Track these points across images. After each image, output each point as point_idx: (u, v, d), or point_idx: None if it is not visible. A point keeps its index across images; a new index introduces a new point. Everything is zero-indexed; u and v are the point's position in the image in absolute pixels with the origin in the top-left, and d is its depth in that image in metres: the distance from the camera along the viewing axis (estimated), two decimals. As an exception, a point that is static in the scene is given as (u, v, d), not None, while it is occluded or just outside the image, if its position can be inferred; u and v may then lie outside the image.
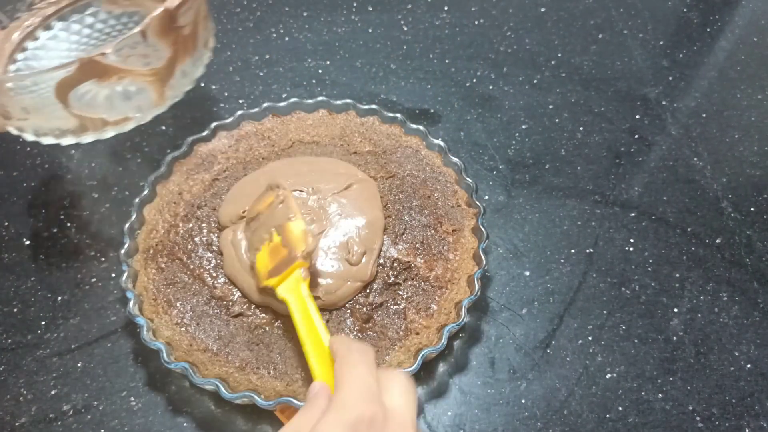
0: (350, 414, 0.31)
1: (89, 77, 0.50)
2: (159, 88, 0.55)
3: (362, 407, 0.31)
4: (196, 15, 0.56)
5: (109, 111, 0.54)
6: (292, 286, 0.43)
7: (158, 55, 0.53)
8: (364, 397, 0.32)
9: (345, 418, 0.31)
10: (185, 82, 0.58)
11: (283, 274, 0.44)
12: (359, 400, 0.32)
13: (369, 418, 0.31)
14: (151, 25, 0.50)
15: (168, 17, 0.51)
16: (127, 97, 0.54)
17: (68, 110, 0.52)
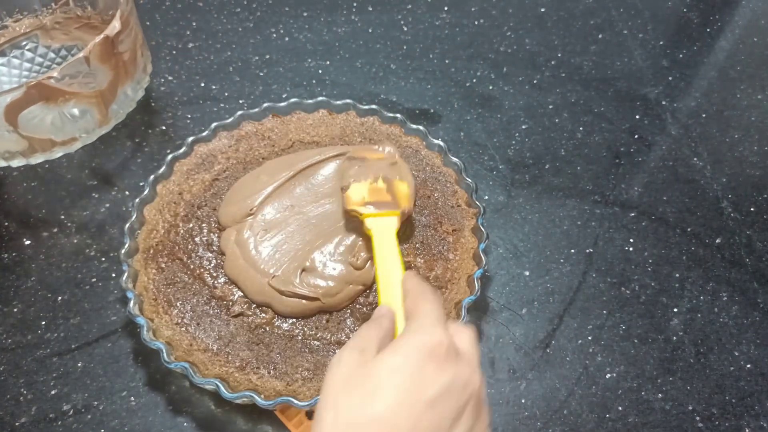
0: (429, 338, 0.33)
1: (37, 100, 0.54)
2: (103, 109, 0.60)
3: (440, 334, 0.33)
4: (134, 42, 0.62)
5: (57, 132, 0.58)
6: (383, 226, 0.47)
7: (101, 78, 0.58)
8: (440, 326, 0.34)
9: (424, 341, 0.32)
10: (127, 104, 0.64)
11: (380, 213, 0.48)
12: (436, 326, 0.33)
13: (446, 345, 0.33)
14: (93, 51, 0.55)
15: (109, 43, 0.56)
16: (74, 119, 0.58)
17: (17, 132, 0.56)
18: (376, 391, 0.31)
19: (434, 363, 0.32)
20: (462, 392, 0.32)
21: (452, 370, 0.32)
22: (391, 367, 0.32)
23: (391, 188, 0.50)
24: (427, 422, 0.31)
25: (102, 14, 0.69)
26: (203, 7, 0.84)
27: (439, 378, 0.32)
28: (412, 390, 0.31)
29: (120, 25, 0.57)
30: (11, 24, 0.69)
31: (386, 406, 0.30)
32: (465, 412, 0.32)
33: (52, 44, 0.70)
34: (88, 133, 0.61)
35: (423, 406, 0.31)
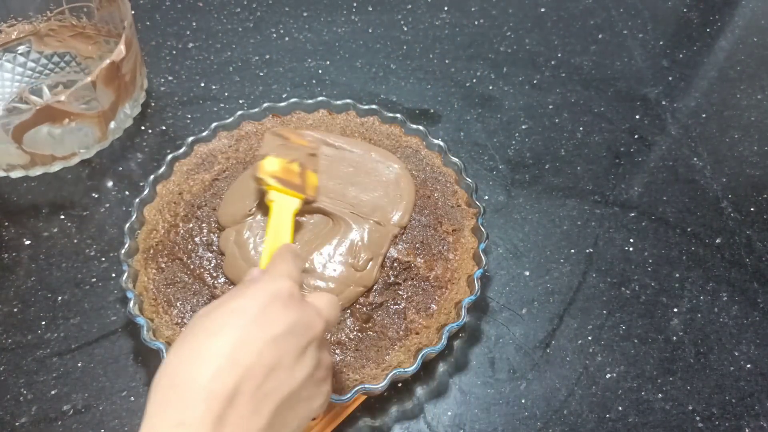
0: (274, 284, 0.36)
1: (44, 121, 0.56)
2: (103, 127, 0.63)
3: (284, 282, 0.36)
4: (135, 63, 0.64)
5: (58, 148, 0.61)
6: (284, 202, 0.49)
7: (104, 100, 0.61)
8: (286, 276, 0.37)
9: (269, 287, 0.35)
10: (125, 121, 0.66)
11: (284, 189, 0.50)
12: (282, 276, 0.37)
13: (288, 291, 0.35)
14: (99, 76, 0.58)
15: (114, 68, 0.59)
16: (75, 136, 0.61)
17: (21, 149, 0.58)
18: (221, 329, 0.33)
19: (277, 305, 0.34)
20: (305, 332, 0.35)
21: (295, 313, 0.35)
22: (235, 308, 0.34)
23: (303, 174, 0.52)
24: (269, 357, 0.33)
25: (97, 25, 0.70)
26: (203, 7, 0.84)
27: (281, 318, 0.34)
28: (254, 328, 0.33)
29: (125, 51, 0.59)
30: (5, 29, 0.70)
31: (228, 342, 0.32)
32: (307, 351, 0.35)
33: (45, 50, 0.71)
34: (87, 149, 0.64)
35: (265, 343, 0.33)
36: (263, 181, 0.50)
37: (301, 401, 0.35)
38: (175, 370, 0.32)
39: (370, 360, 0.48)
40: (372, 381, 0.47)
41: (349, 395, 0.45)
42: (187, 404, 0.31)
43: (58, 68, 0.72)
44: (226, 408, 0.31)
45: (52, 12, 0.70)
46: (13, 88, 0.70)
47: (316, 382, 0.36)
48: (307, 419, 0.36)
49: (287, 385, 0.33)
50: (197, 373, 0.31)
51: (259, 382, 0.32)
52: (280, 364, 0.33)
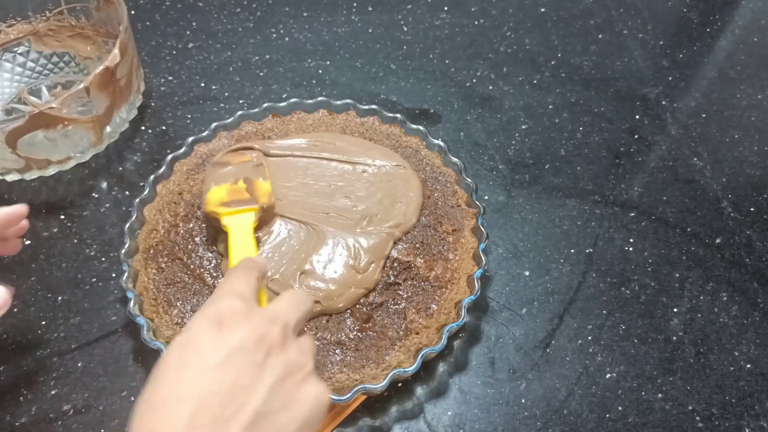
0: (212, 308, 0.35)
1: (38, 127, 0.56)
2: (98, 131, 0.63)
3: (223, 302, 0.35)
4: (130, 67, 0.63)
5: (53, 153, 0.61)
6: (239, 222, 0.50)
7: (98, 105, 0.60)
8: (226, 294, 0.36)
9: (207, 311, 0.35)
10: (121, 125, 0.66)
11: (236, 210, 0.50)
12: (221, 297, 0.36)
13: (230, 309, 0.35)
14: (93, 81, 0.57)
15: (108, 73, 0.58)
16: (70, 141, 0.61)
17: (16, 153, 0.58)
18: (166, 369, 0.33)
19: (218, 329, 0.34)
20: (256, 345, 0.33)
21: (240, 331, 0.34)
22: (178, 344, 0.34)
23: (251, 187, 0.53)
24: (219, 383, 0.32)
25: (96, 26, 0.70)
26: (203, 7, 0.84)
27: (224, 342, 0.33)
28: (194, 359, 0.32)
29: (120, 56, 0.59)
30: (4, 29, 0.70)
31: (172, 381, 0.32)
32: (266, 362, 0.33)
33: (44, 50, 0.71)
34: (83, 153, 0.64)
35: (209, 370, 0.32)
36: (214, 213, 0.51)
37: (276, 413, 0.33)
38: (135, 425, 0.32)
39: (370, 360, 0.48)
40: (372, 381, 0.47)
41: (349, 395, 0.45)
42: None
43: (57, 68, 0.72)
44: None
45: (51, 12, 0.70)
46: (12, 89, 0.70)
47: (292, 388, 0.34)
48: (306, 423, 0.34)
49: (251, 403, 0.32)
50: (151, 421, 0.31)
51: (215, 412, 0.31)
52: (235, 386, 0.32)
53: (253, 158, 0.56)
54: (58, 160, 0.62)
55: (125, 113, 0.66)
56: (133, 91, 0.66)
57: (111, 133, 0.65)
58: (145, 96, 0.71)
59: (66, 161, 0.63)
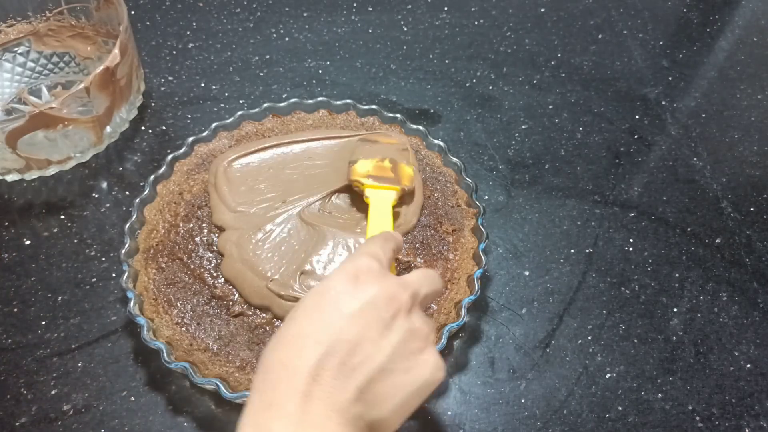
0: (352, 264, 0.37)
1: (38, 127, 0.56)
2: (98, 131, 0.63)
3: (362, 260, 0.37)
4: (131, 67, 0.63)
5: (53, 152, 0.61)
6: (380, 197, 0.52)
7: (98, 105, 0.60)
8: (365, 254, 0.38)
9: (347, 267, 0.37)
10: (121, 125, 0.66)
11: (380, 185, 0.53)
12: (360, 255, 0.38)
13: (366, 267, 0.37)
14: (93, 81, 0.57)
15: (108, 73, 0.58)
16: (70, 141, 0.61)
17: (16, 153, 0.58)
18: (303, 312, 0.35)
19: (354, 282, 0.36)
20: (387, 305, 0.35)
21: (374, 287, 0.36)
22: (317, 291, 0.36)
23: (396, 168, 0.55)
24: (350, 333, 0.34)
25: (96, 26, 0.70)
26: (203, 7, 0.84)
27: (358, 294, 0.35)
28: (331, 307, 0.35)
29: (120, 56, 0.59)
30: (4, 29, 0.70)
31: (309, 323, 0.34)
32: (394, 323, 0.35)
33: (44, 50, 0.71)
34: (83, 153, 0.64)
35: (344, 319, 0.34)
36: (357, 182, 0.53)
37: (396, 373, 0.35)
38: (266, 357, 0.34)
39: (370, 360, 0.48)
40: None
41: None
42: (274, 385, 0.33)
43: (57, 68, 0.72)
44: (310, 384, 0.32)
45: (51, 12, 0.70)
46: (12, 89, 0.70)
47: (411, 352, 0.36)
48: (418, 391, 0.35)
49: (375, 359, 0.34)
50: (283, 356, 0.34)
51: (342, 357, 0.33)
52: (364, 338, 0.34)
53: (400, 142, 0.58)
54: (58, 160, 0.62)
55: (125, 113, 0.66)
56: (133, 91, 0.66)
57: (111, 133, 0.65)
58: (145, 96, 0.71)
59: (66, 161, 0.63)
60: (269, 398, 0.32)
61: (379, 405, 0.34)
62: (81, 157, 0.64)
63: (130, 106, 0.66)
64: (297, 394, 0.32)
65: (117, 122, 0.65)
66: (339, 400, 0.32)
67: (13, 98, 0.69)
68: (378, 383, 0.34)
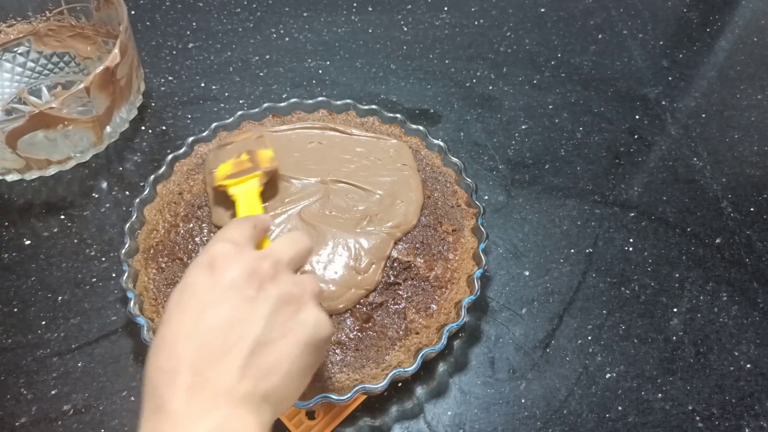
0: (204, 254, 0.37)
1: (38, 127, 0.56)
2: (98, 131, 0.63)
3: (215, 246, 0.37)
4: (131, 67, 0.63)
5: (53, 152, 0.61)
6: (245, 189, 0.52)
7: (98, 105, 0.60)
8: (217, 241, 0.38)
9: (200, 258, 0.37)
10: (121, 125, 0.67)
11: (240, 179, 0.52)
12: (213, 243, 0.38)
13: (220, 252, 0.37)
14: (93, 81, 0.57)
15: (108, 74, 0.59)
16: (70, 141, 0.61)
17: (16, 153, 0.58)
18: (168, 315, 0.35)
19: (210, 271, 0.36)
20: (248, 280, 0.36)
21: (230, 270, 0.36)
22: (177, 290, 0.36)
23: (253, 157, 0.55)
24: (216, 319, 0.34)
25: (96, 26, 0.70)
26: (203, 7, 0.84)
27: (216, 280, 0.35)
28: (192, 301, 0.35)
29: (120, 56, 0.59)
30: (4, 29, 0.70)
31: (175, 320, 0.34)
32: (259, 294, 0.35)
33: (44, 50, 0.71)
34: (83, 153, 0.64)
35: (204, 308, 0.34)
36: (221, 187, 0.53)
37: (275, 342, 0.35)
38: (147, 367, 0.34)
39: (370, 360, 0.48)
40: (372, 381, 0.47)
41: (349, 395, 0.45)
42: (159, 389, 0.32)
43: (57, 68, 0.72)
44: (192, 379, 0.32)
45: (51, 12, 0.70)
46: (12, 89, 0.70)
47: (287, 317, 0.36)
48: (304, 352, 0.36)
49: (249, 335, 0.34)
50: (160, 362, 0.33)
51: (216, 344, 0.33)
52: (231, 320, 0.34)
53: (252, 134, 0.58)
54: (58, 160, 0.62)
55: (125, 113, 0.66)
56: (133, 91, 0.66)
57: (111, 133, 0.65)
58: (145, 96, 0.71)
59: (66, 161, 0.63)
60: (156, 404, 0.32)
61: (266, 377, 0.34)
62: (81, 157, 0.64)
63: (130, 106, 0.66)
64: (180, 392, 0.32)
65: (117, 122, 0.65)
66: (222, 384, 0.33)
67: (13, 98, 0.69)
68: (259, 357, 0.34)
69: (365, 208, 0.54)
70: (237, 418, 0.32)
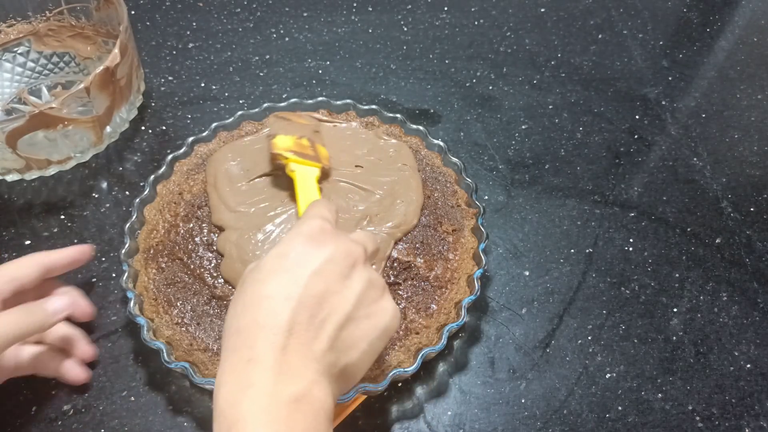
0: (305, 226, 0.39)
1: (38, 127, 0.56)
2: (98, 131, 0.63)
3: (314, 221, 0.40)
4: (131, 67, 0.63)
5: (53, 152, 0.61)
6: (305, 172, 0.53)
7: (99, 105, 0.60)
8: (316, 216, 0.40)
9: (301, 229, 0.39)
10: (121, 125, 0.67)
11: (302, 160, 0.53)
12: (312, 217, 0.40)
13: (318, 227, 0.39)
14: (93, 81, 0.57)
15: (108, 74, 0.59)
16: (70, 141, 0.61)
17: (16, 153, 0.58)
18: (268, 274, 0.37)
19: (312, 242, 0.38)
20: (344, 259, 0.38)
21: (330, 244, 0.38)
22: (276, 254, 0.38)
23: (314, 147, 0.56)
24: (316, 287, 0.36)
25: (96, 26, 0.70)
26: (203, 7, 0.84)
27: (317, 251, 0.38)
28: (295, 266, 0.37)
29: (120, 56, 0.59)
30: (4, 29, 0.70)
31: (277, 283, 0.36)
32: (353, 274, 0.38)
33: (44, 50, 0.71)
34: (83, 153, 0.64)
35: (308, 276, 0.36)
36: (280, 156, 0.53)
37: (361, 320, 0.37)
38: (237, 318, 0.36)
39: (370, 360, 0.48)
40: (372, 381, 0.47)
41: (349, 395, 0.45)
42: (252, 342, 0.34)
43: (58, 68, 0.72)
44: (286, 338, 0.34)
45: (51, 12, 0.70)
46: (12, 89, 0.70)
47: (372, 300, 0.38)
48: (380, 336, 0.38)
49: (341, 308, 0.37)
50: (256, 315, 0.35)
51: (312, 310, 0.36)
52: (328, 291, 0.36)
53: (312, 123, 0.59)
54: (58, 160, 0.62)
55: (125, 113, 0.66)
56: (133, 91, 0.66)
57: (111, 133, 0.65)
58: (145, 96, 0.71)
59: (66, 161, 0.63)
60: (247, 355, 0.34)
61: (348, 351, 0.37)
62: (81, 157, 0.64)
63: (130, 106, 0.66)
64: (275, 348, 0.34)
65: (117, 122, 0.65)
66: (313, 350, 0.35)
67: (13, 98, 0.69)
68: (345, 330, 0.37)
69: (365, 208, 0.54)
70: (320, 386, 0.34)
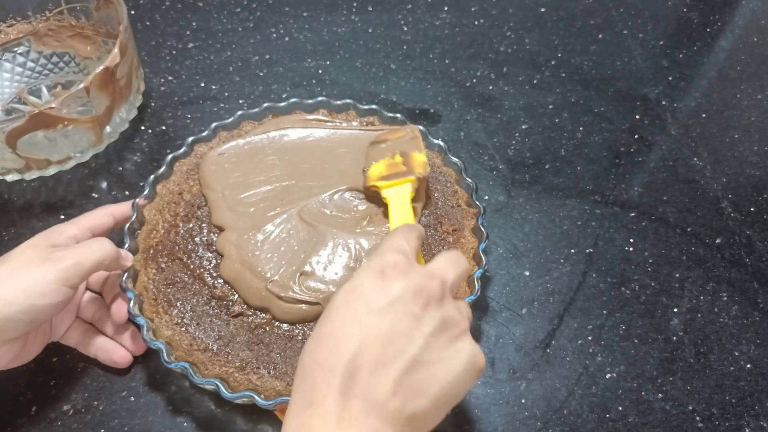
0: (378, 260, 0.37)
1: (38, 127, 0.56)
2: (98, 131, 0.63)
3: (386, 256, 0.37)
4: (130, 67, 0.63)
5: (53, 153, 0.61)
6: (397, 193, 0.52)
7: (98, 105, 0.60)
8: (390, 249, 0.38)
9: (373, 264, 0.37)
10: (121, 125, 0.66)
11: (393, 182, 0.53)
12: (385, 251, 0.38)
13: (392, 262, 0.37)
14: (93, 81, 0.57)
15: (108, 73, 0.58)
16: (70, 141, 0.61)
17: (15, 153, 0.58)
18: (335, 312, 0.36)
19: (381, 278, 0.36)
20: (415, 297, 0.36)
21: (401, 281, 0.36)
22: (345, 290, 0.37)
23: (407, 160, 0.55)
24: (381, 327, 0.34)
25: (96, 26, 0.70)
26: (203, 7, 0.84)
27: (385, 289, 0.36)
28: (360, 304, 0.35)
29: (120, 56, 0.59)
30: (4, 29, 0.70)
31: (341, 322, 0.35)
32: (425, 314, 0.36)
33: (44, 50, 0.71)
34: (83, 153, 0.64)
35: (373, 315, 0.35)
36: (374, 187, 0.53)
37: (431, 364, 0.34)
38: (304, 358, 0.35)
39: (370, 360, 0.48)
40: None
41: None
42: (313, 385, 0.33)
43: (57, 68, 0.72)
44: (347, 382, 0.33)
45: (51, 12, 0.70)
46: (12, 89, 0.70)
47: (446, 342, 0.36)
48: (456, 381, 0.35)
49: (408, 351, 0.34)
50: (318, 355, 0.34)
51: (376, 352, 0.33)
52: (395, 332, 0.34)
53: (408, 132, 0.58)
54: (58, 160, 0.62)
55: (125, 113, 0.66)
56: (133, 91, 0.66)
57: (111, 133, 0.65)
58: (145, 96, 0.71)
59: (66, 161, 0.63)
60: (309, 398, 0.33)
61: (416, 398, 0.33)
62: (81, 157, 0.64)
63: (129, 106, 0.66)
64: (335, 391, 0.32)
65: (117, 122, 0.65)
66: (376, 396, 0.33)
67: (13, 98, 0.69)
68: (413, 375, 0.34)
69: (365, 208, 0.54)
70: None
